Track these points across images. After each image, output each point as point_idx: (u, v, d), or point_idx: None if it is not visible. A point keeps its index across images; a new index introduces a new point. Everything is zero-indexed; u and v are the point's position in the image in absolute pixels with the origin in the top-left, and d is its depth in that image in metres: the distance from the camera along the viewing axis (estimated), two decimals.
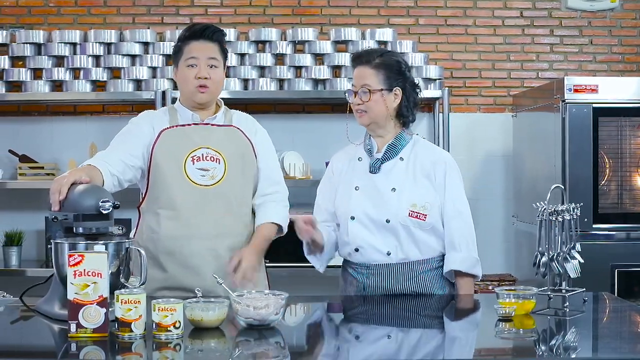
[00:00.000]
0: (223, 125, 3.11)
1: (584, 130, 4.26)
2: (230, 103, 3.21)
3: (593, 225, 4.24)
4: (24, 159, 4.93)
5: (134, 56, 4.80)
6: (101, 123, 5.08)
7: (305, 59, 4.78)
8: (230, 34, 4.73)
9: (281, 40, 4.84)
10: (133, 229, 3.13)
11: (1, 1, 5.10)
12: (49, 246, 4.71)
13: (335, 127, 5.07)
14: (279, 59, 4.85)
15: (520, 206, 4.99)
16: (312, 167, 4.89)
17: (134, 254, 2.60)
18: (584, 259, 2.81)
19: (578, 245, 2.81)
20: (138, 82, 4.78)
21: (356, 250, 3.00)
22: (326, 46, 4.80)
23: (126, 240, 2.57)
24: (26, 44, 4.78)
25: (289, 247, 4.47)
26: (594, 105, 4.25)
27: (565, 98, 4.24)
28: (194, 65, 3.03)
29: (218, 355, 2.31)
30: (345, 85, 4.74)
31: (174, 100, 4.58)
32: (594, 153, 4.26)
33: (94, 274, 2.30)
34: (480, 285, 4.68)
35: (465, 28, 5.22)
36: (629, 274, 4.27)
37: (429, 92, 4.73)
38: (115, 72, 4.83)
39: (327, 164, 4.73)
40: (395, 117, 3.02)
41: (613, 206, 4.39)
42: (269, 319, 2.42)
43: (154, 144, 3.02)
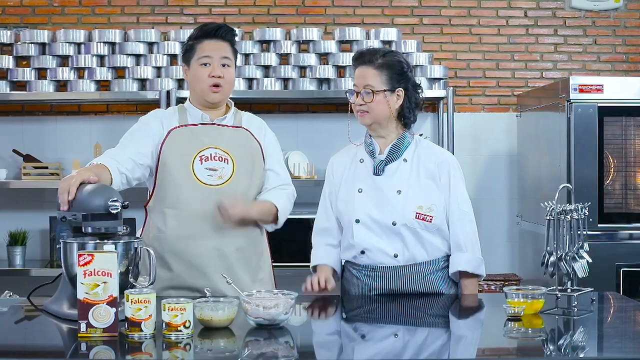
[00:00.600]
0: (232, 126, 3.11)
1: (589, 129, 4.26)
2: (235, 103, 3.21)
3: (598, 225, 4.24)
4: (28, 158, 4.93)
5: (138, 56, 4.80)
6: (105, 123, 5.08)
7: (310, 59, 4.79)
8: None
9: (286, 40, 4.84)
10: (139, 228, 3.13)
11: (5, 1, 5.10)
12: (58, 246, 4.69)
13: (339, 127, 5.04)
14: (284, 58, 4.85)
15: (525, 206, 4.99)
16: (317, 167, 4.89)
17: (143, 253, 2.60)
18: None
19: (586, 244, 2.81)
20: (142, 82, 4.78)
21: (362, 253, 2.98)
22: (331, 46, 4.80)
23: (135, 240, 2.57)
24: (30, 43, 4.78)
25: (292, 247, 4.51)
26: (600, 105, 4.25)
27: (570, 98, 4.24)
28: (207, 64, 3.03)
29: (227, 354, 2.30)
30: (349, 85, 4.72)
31: (178, 100, 4.62)
32: (599, 153, 4.26)
33: (103, 274, 2.29)
34: (484, 286, 4.68)
35: (469, 28, 5.22)
36: (634, 274, 4.27)
37: (433, 92, 4.73)
38: (119, 72, 4.83)
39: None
40: (397, 118, 3.00)
41: (617, 206, 4.39)
42: (279, 319, 2.41)
43: (163, 142, 3.02)
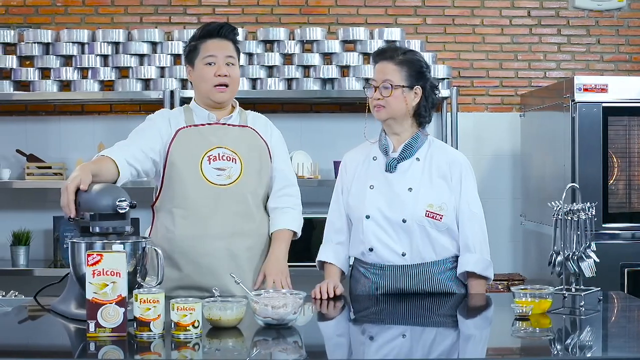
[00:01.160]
0: (239, 126, 3.11)
1: (593, 129, 4.25)
2: (239, 102, 3.21)
3: (603, 225, 4.24)
4: (31, 158, 4.93)
5: (142, 56, 4.80)
6: (109, 123, 5.07)
7: (314, 59, 4.78)
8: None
9: (289, 39, 4.83)
10: (147, 228, 3.13)
11: (9, 0, 5.09)
12: (65, 246, 4.70)
13: (343, 127, 5.09)
14: (287, 58, 4.84)
15: (528, 206, 5.00)
16: (320, 167, 4.89)
17: (151, 253, 2.60)
18: None
19: (593, 244, 2.82)
20: (146, 82, 4.78)
21: (370, 250, 2.98)
22: (334, 46, 4.80)
23: (143, 240, 2.57)
24: (34, 43, 4.78)
25: (295, 247, 4.49)
26: (604, 104, 4.25)
27: (574, 98, 4.24)
28: (212, 63, 3.02)
29: (236, 354, 2.30)
30: (354, 84, 4.74)
31: (182, 100, 4.62)
32: (604, 152, 4.26)
33: (112, 274, 2.29)
34: (487, 286, 4.67)
35: (472, 28, 5.22)
36: (638, 273, 4.27)
37: None
38: (123, 72, 4.83)
39: (336, 163, 4.81)
40: (412, 116, 3.01)
41: (621, 205, 4.39)
42: (287, 318, 2.41)
43: (171, 142, 3.02)
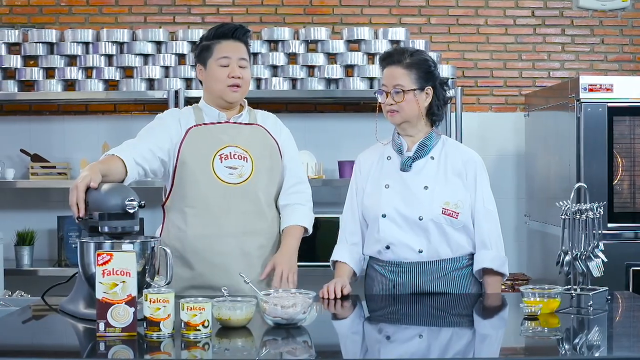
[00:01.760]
0: (249, 124, 3.11)
1: (598, 129, 4.25)
2: None
3: (607, 225, 4.24)
4: (35, 158, 4.93)
5: (146, 55, 4.79)
6: (113, 122, 5.07)
7: (318, 58, 4.78)
8: None
9: (294, 39, 4.83)
10: (156, 228, 3.13)
11: (13, 0, 5.09)
12: (74, 246, 4.68)
13: (347, 127, 5.10)
14: (292, 58, 4.84)
15: (533, 205, 5.00)
16: (325, 167, 4.89)
17: (160, 253, 2.60)
18: None
19: (601, 244, 2.82)
20: (150, 82, 4.78)
21: (387, 247, 2.99)
22: (339, 45, 4.80)
23: (152, 239, 2.57)
24: (38, 43, 4.77)
25: (299, 247, 4.50)
26: (609, 104, 4.25)
27: (580, 97, 4.24)
28: (226, 65, 3.02)
29: (245, 354, 2.30)
30: (358, 84, 4.74)
31: (186, 100, 4.62)
32: (609, 152, 4.26)
33: (122, 273, 2.29)
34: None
35: (476, 27, 5.22)
36: None
37: None
38: (127, 72, 4.83)
39: (340, 163, 4.82)
40: (425, 116, 3.02)
41: (626, 205, 4.39)
42: (297, 318, 2.41)
43: (182, 141, 3.02)
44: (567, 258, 2.79)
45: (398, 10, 5.19)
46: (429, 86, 2.99)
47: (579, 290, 2.78)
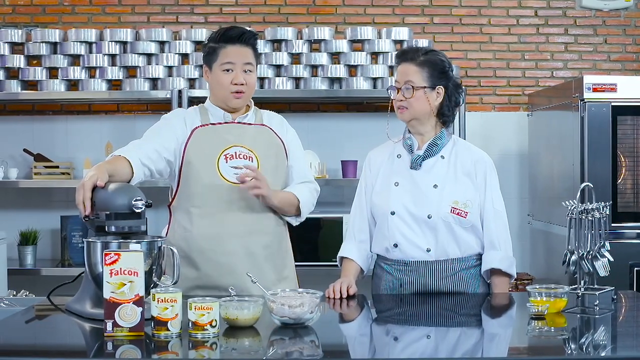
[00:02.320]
0: (254, 124, 3.11)
1: (602, 129, 4.26)
2: None
3: (611, 224, 4.24)
4: (38, 158, 4.93)
5: (149, 55, 4.79)
6: (116, 122, 5.07)
7: (322, 58, 4.78)
8: None
9: (297, 39, 4.83)
10: (162, 228, 3.13)
11: (16, 0, 5.09)
12: (80, 245, 4.70)
13: (350, 127, 5.10)
14: (295, 58, 4.84)
15: (536, 205, 5.00)
16: (328, 166, 4.89)
17: (166, 252, 2.60)
18: None
19: (607, 243, 2.82)
20: (154, 81, 4.78)
21: (395, 246, 2.99)
22: (342, 45, 4.79)
23: (158, 239, 2.57)
24: (42, 42, 4.77)
25: (303, 247, 4.51)
26: (613, 104, 4.25)
27: (584, 97, 4.24)
28: (230, 70, 3.01)
29: (253, 353, 2.30)
30: (361, 84, 4.74)
31: (190, 100, 4.62)
32: (613, 152, 4.26)
33: (130, 273, 2.29)
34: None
35: (479, 27, 5.22)
36: None
37: None
38: (131, 71, 4.83)
39: (343, 162, 4.82)
40: (436, 116, 3.02)
41: (629, 205, 4.39)
42: (304, 318, 2.41)
43: (187, 142, 3.02)
44: (574, 258, 2.79)
45: (401, 9, 5.19)
46: (440, 86, 2.99)
47: (583, 289, 2.77)
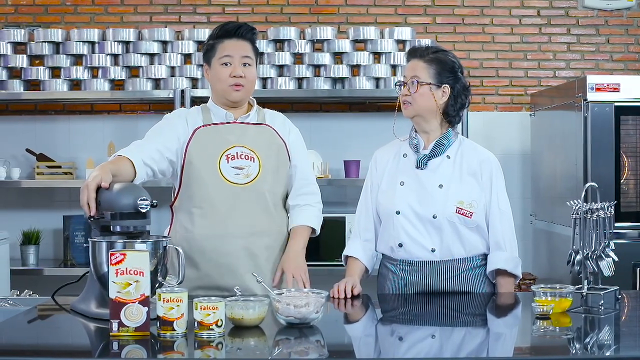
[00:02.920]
0: (256, 124, 3.10)
1: (605, 128, 4.25)
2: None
3: (615, 224, 4.23)
4: (41, 157, 4.93)
5: (152, 55, 4.79)
6: (119, 122, 5.07)
7: (324, 58, 4.78)
8: None
9: (299, 39, 4.83)
10: (164, 228, 3.13)
11: (18, 0, 5.09)
12: (85, 245, 4.70)
13: (353, 126, 5.10)
14: (298, 57, 4.84)
15: (539, 205, 5.00)
16: (331, 166, 4.89)
17: (171, 252, 2.59)
18: None
19: (612, 243, 2.82)
20: (156, 81, 4.78)
21: (400, 245, 2.99)
22: (345, 45, 4.79)
23: (163, 239, 2.57)
24: (44, 42, 4.77)
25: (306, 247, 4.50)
26: (616, 104, 4.25)
27: (587, 97, 4.24)
28: (228, 63, 3.02)
29: (258, 353, 2.30)
30: (364, 84, 4.74)
31: (192, 100, 4.61)
32: (616, 152, 4.26)
33: (135, 273, 2.29)
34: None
35: (482, 27, 5.22)
36: None
37: None
38: (133, 71, 4.82)
39: (346, 162, 4.81)
40: (441, 115, 3.02)
41: (631, 205, 4.38)
42: (310, 317, 2.41)
43: (188, 142, 3.01)
44: (578, 257, 2.79)
45: (404, 9, 5.19)
46: (447, 84, 2.99)
47: (587, 289, 2.77)
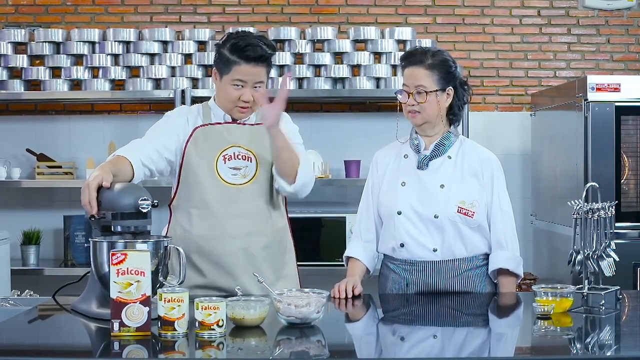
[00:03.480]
0: (254, 124, 3.09)
1: (606, 128, 4.26)
2: None
3: (615, 224, 4.22)
4: (41, 157, 4.93)
5: (152, 55, 4.79)
6: (119, 122, 5.07)
7: (324, 58, 4.77)
8: None
9: (300, 39, 4.83)
10: (163, 228, 3.12)
11: (19, 0, 5.09)
12: (86, 245, 4.70)
13: (353, 126, 5.10)
14: (298, 57, 4.84)
15: (539, 205, 5.00)
16: (331, 166, 4.89)
17: (172, 252, 2.59)
18: None
19: (613, 243, 2.82)
20: (157, 81, 4.78)
21: (401, 245, 2.99)
22: (345, 45, 4.79)
23: (164, 239, 2.57)
24: (44, 42, 4.77)
25: (304, 247, 4.51)
26: (617, 104, 4.26)
27: (587, 97, 4.24)
28: (240, 86, 2.96)
29: (259, 353, 2.30)
30: (364, 84, 4.74)
31: (193, 99, 4.61)
32: (616, 152, 4.26)
33: (137, 273, 2.29)
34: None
35: (482, 27, 5.22)
36: None
37: None
38: (134, 71, 4.83)
39: (346, 162, 4.82)
40: (445, 116, 3.02)
41: (632, 205, 4.38)
42: (311, 317, 2.41)
43: (187, 141, 3.01)
44: (579, 257, 2.79)
45: (404, 9, 5.19)
46: (450, 87, 2.99)
47: (587, 289, 2.77)
